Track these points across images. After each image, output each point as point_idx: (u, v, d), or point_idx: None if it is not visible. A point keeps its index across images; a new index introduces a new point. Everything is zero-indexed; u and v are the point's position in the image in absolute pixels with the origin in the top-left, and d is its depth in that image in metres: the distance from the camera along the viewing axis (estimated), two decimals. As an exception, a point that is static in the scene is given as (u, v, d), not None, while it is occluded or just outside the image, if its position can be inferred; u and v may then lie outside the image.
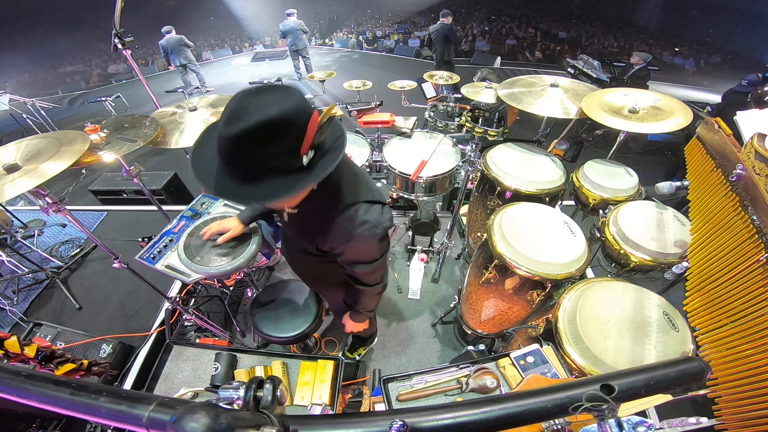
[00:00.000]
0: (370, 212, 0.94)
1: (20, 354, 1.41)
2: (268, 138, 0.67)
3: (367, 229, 0.93)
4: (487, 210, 2.13)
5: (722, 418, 1.01)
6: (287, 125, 0.68)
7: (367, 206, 0.95)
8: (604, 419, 0.45)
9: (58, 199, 1.42)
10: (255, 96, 0.69)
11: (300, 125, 0.69)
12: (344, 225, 0.93)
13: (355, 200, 0.94)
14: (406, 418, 0.45)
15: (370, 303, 1.33)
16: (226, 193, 0.75)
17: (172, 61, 7.04)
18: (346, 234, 0.94)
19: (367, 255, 1.04)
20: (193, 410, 0.37)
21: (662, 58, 12.20)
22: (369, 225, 0.93)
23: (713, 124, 1.37)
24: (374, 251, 1.03)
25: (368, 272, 1.11)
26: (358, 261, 1.06)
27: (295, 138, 0.69)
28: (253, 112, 0.66)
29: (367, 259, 1.05)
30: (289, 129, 0.68)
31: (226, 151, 0.70)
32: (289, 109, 0.68)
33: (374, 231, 0.95)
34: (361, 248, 1.00)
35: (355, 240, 0.95)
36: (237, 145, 0.67)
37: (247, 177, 0.72)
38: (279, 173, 0.72)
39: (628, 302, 1.37)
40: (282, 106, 0.67)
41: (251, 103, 0.68)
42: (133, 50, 1.82)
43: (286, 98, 0.69)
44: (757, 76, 3.72)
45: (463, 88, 2.31)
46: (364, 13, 17.49)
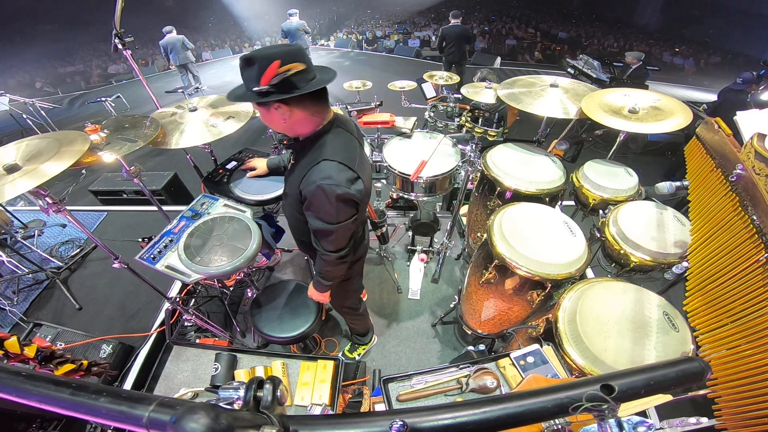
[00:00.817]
0: (339, 173, 1.07)
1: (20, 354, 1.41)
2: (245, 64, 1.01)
3: (327, 184, 1.05)
4: (487, 210, 2.13)
5: (722, 418, 1.01)
6: (252, 61, 0.99)
7: (340, 167, 1.08)
8: (605, 419, 0.45)
9: (58, 200, 1.42)
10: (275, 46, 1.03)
11: (262, 64, 0.97)
12: (314, 173, 1.07)
13: (332, 158, 1.08)
14: (406, 418, 0.45)
15: (327, 271, 1.35)
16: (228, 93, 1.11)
17: (172, 61, 7.05)
18: (312, 182, 1.07)
19: (323, 210, 1.12)
20: (193, 410, 0.37)
21: (662, 58, 12.19)
22: (331, 181, 1.05)
23: (713, 124, 1.37)
24: (330, 209, 1.10)
25: (324, 232, 1.18)
26: (316, 214, 1.14)
27: (256, 71, 0.98)
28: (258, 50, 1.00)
29: (323, 216, 1.13)
30: (253, 63, 0.99)
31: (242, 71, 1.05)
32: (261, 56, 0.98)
33: (332, 187, 1.05)
34: (318, 200, 1.09)
35: (315, 189, 1.07)
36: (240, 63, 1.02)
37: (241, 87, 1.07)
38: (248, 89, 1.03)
39: (628, 302, 1.37)
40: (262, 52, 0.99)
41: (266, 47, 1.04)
42: (133, 50, 1.82)
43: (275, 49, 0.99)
44: (751, 74, 3.73)
45: (463, 89, 2.31)
46: (364, 14, 17.49)
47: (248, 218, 1.66)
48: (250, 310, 1.72)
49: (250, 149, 2.23)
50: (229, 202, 1.80)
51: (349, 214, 1.16)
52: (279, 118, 1.09)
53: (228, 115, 1.92)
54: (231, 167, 2.05)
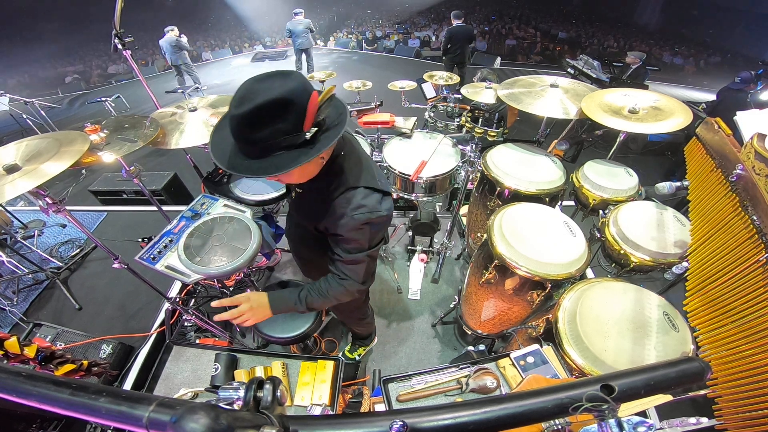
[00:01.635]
0: (369, 198, 0.97)
1: (20, 354, 1.41)
2: (272, 116, 0.75)
3: (362, 213, 0.95)
4: (487, 210, 2.13)
5: (722, 418, 1.01)
6: (289, 104, 0.75)
7: (367, 192, 0.98)
8: (605, 419, 0.45)
9: (58, 200, 1.42)
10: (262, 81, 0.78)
11: (301, 104, 0.76)
12: (341, 205, 0.97)
13: (356, 184, 0.97)
14: (406, 418, 0.45)
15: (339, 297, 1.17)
16: (239, 169, 0.82)
17: (168, 61, 7.08)
18: (341, 214, 0.97)
19: (356, 240, 1.03)
20: (193, 410, 0.37)
21: (662, 58, 12.19)
22: (365, 209, 0.96)
23: (713, 124, 1.37)
24: (364, 239, 1.03)
25: (354, 261, 1.07)
26: (347, 244, 1.04)
27: (296, 115, 0.77)
28: (259, 94, 0.75)
29: (356, 246, 1.04)
30: (290, 108, 0.76)
31: (236, 129, 0.79)
32: (290, 90, 0.75)
33: (369, 217, 0.96)
34: (353, 232, 1.00)
35: (348, 221, 0.97)
36: (245, 123, 0.76)
37: (257, 153, 0.81)
38: (285, 148, 0.80)
39: (628, 302, 1.37)
40: (284, 88, 0.75)
41: (259, 87, 0.76)
42: (133, 50, 1.82)
43: (288, 81, 0.77)
44: (750, 74, 3.73)
45: (463, 89, 2.31)
46: (364, 14, 17.49)
47: (248, 218, 1.66)
48: (250, 310, 1.72)
49: None
50: (229, 202, 1.80)
51: (380, 237, 1.09)
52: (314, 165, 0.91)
53: (228, 115, 1.92)
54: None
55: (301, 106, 0.77)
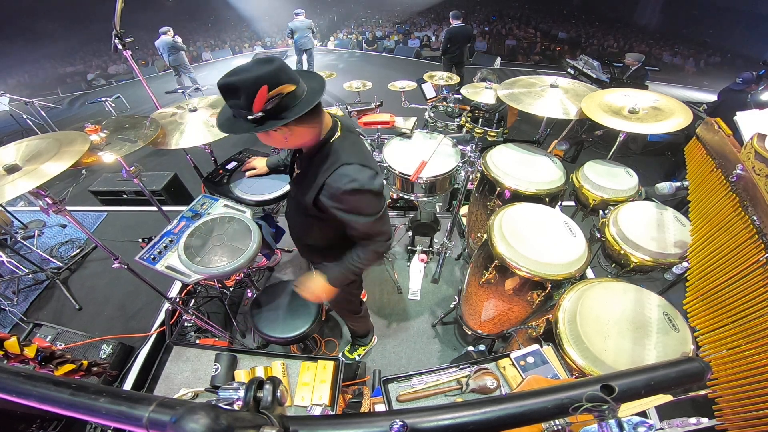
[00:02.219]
0: (361, 173, 1.08)
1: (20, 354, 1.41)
2: (230, 93, 0.94)
3: (355, 184, 1.06)
4: (487, 210, 2.13)
5: (723, 419, 1.01)
6: (238, 89, 0.91)
7: (357, 167, 1.08)
8: (605, 420, 0.45)
9: (58, 200, 1.42)
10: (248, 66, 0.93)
11: (248, 92, 0.91)
12: (335, 180, 1.07)
13: (350, 161, 1.08)
14: (406, 418, 0.45)
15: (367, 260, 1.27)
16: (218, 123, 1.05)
17: (165, 62, 7.09)
18: (337, 187, 1.07)
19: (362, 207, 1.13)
20: (193, 411, 0.37)
21: (662, 58, 12.20)
22: (357, 183, 1.06)
23: (713, 124, 1.37)
24: (368, 205, 1.13)
25: (369, 224, 1.17)
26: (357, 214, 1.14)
27: (246, 99, 0.92)
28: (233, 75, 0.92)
29: (366, 211, 1.14)
30: (240, 92, 0.92)
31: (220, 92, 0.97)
32: (243, 80, 0.90)
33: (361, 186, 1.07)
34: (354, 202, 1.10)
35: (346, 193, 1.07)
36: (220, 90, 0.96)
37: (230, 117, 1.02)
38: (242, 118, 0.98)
39: (628, 302, 1.37)
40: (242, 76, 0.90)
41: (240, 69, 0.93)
42: (133, 51, 1.82)
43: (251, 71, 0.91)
44: (751, 74, 3.72)
45: (463, 89, 2.31)
46: (364, 14, 17.50)
47: (248, 218, 1.66)
48: (250, 311, 1.72)
49: (250, 149, 2.23)
50: (229, 202, 1.80)
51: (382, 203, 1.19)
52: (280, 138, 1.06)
53: (228, 115, 1.92)
54: (231, 167, 2.05)
55: (249, 93, 0.91)
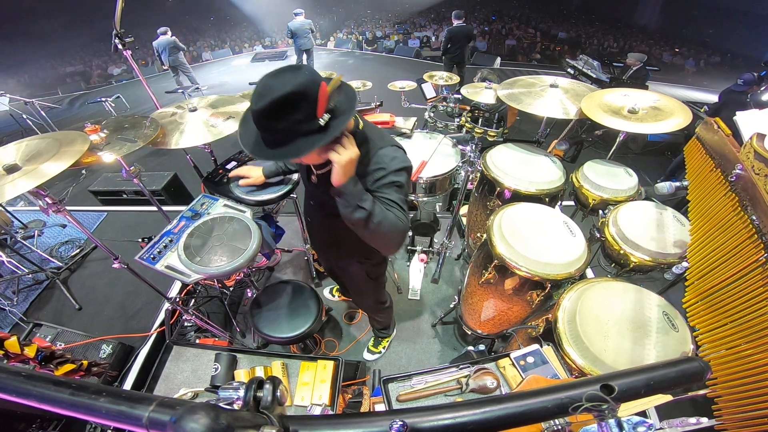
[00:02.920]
0: (398, 151, 1.12)
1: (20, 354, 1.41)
2: (287, 108, 0.84)
3: (398, 162, 1.08)
4: (486, 210, 2.13)
5: (722, 418, 1.01)
6: (301, 97, 0.84)
7: (393, 148, 1.12)
8: (604, 419, 0.45)
9: (58, 200, 1.42)
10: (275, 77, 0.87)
11: (312, 95, 0.85)
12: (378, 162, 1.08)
13: (383, 144, 1.10)
14: (406, 418, 0.45)
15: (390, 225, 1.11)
16: (263, 156, 0.95)
17: (164, 62, 7.07)
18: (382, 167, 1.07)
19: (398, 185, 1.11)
20: (193, 410, 0.37)
21: (662, 59, 12.20)
22: (398, 160, 1.09)
23: (712, 124, 1.37)
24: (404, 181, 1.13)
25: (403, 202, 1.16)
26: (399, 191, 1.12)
27: (309, 106, 0.85)
28: (274, 89, 0.83)
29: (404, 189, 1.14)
30: (303, 99, 0.84)
31: (259, 122, 0.89)
32: (301, 83, 0.83)
33: (404, 164, 1.10)
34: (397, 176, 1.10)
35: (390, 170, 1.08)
36: (264, 116, 0.86)
37: (278, 141, 0.91)
38: (302, 134, 0.89)
39: (628, 302, 1.37)
40: (295, 81, 0.83)
41: (273, 82, 0.85)
42: (133, 51, 1.82)
43: (298, 75, 0.85)
44: (752, 75, 3.71)
45: (463, 89, 2.31)
46: (364, 14, 17.49)
47: (248, 218, 1.66)
48: (250, 310, 1.72)
49: None
50: (229, 202, 1.80)
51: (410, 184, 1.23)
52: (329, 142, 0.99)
53: (228, 115, 1.92)
54: (231, 167, 2.05)
55: (312, 97, 0.85)
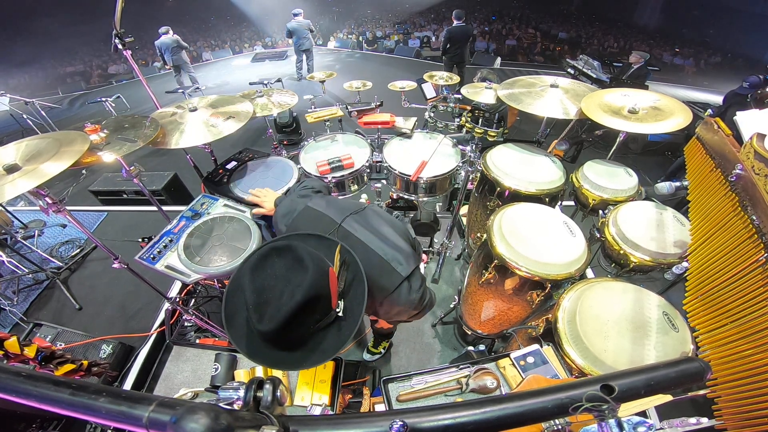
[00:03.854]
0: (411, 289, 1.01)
1: (20, 354, 1.41)
2: (302, 317, 0.71)
3: (413, 300, 1.02)
4: (486, 210, 2.13)
5: (722, 418, 1.01)
6: (315, 300, 0.71)
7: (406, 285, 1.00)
8: (605, 419, 0.45)
9: (58, 200, 1.42)
10: (265, 269, 0.72)
11: (324, 293, 0.72)
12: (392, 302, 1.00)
13: (392, 287, 0.98)
14: (406, 418, 0.45)
15: None
16: (285, 365, 0.82)
17: (167, 61, 7.07)
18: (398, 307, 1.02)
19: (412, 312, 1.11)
20: (193, 410, 0.37)
21: (662, 59, 12.20)
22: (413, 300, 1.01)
23: (712, 124, 1.37)
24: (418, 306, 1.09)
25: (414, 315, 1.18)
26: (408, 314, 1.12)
27: (324, 304, 0.74)
28: (277, 296, 0.69)
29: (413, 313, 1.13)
30: (317, 302, 0.71)
31: (268, 340, 0.74)
32: (310, 284, 0.70)
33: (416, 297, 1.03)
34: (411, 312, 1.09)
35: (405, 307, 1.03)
36: (277, 334, 0.70)
37: (293, 346, 0.77)
38: (319, 331, 0.78)
39: (628, 302, 1.37)
40: (302, 283, 0.70)
41: (267, 282, 0.71)
42: (133, 50, 1.82)
43: (299, 268, 0.71)
44: (758, 78, 3.70)
45: (463, 89, 2.31)
46: (364, 14, 17.49)
47: (248, 218, 1.66)
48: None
49: (250, 149, 2.23)
50: (229, 202, 1.80)
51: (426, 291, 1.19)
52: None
53: (228, 115, 1.92)
54: (231, 167, 2.05)
55: (326, 294, 0.73)
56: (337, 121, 2.40)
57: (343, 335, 0.78)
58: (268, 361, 0.80)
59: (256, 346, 0.78)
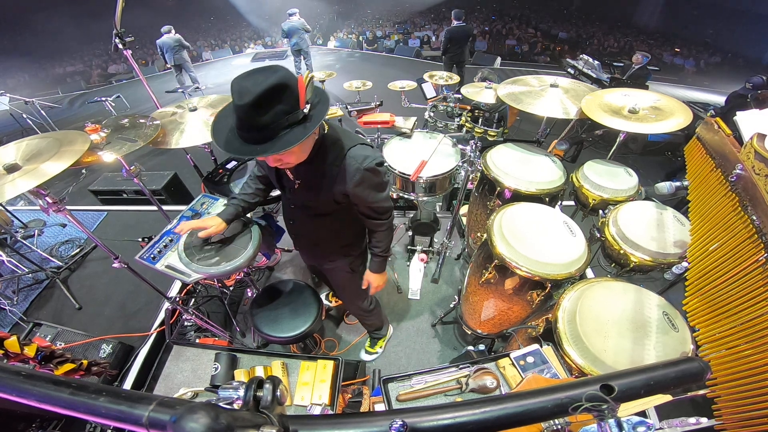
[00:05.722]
0: (366, 149, 1.16)
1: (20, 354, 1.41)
2: (273, 100, 0.86)
3: (370, 161, 1.13)
4: (486, 210, 2.13)
5: (722, 419, 1.01)
6: (284, 87, 0.87)
7: (362, 146, 1.17)
8: (604, 419, 0.45)
9: (58, 199, 1.42)
10: (249, 77, 0.89)
11: (293, 85, 0.89)
12: (350, 164, 1.12)
13: (351, 144, 1.15)
14: (405, 418, 0.45)
15: (386, 240, 1.42)
16: (249, 153, 0.94)
17: (167, 61, 7.06)
18: (355, 170, 1.12)
19: (377, 183, 1.20)
20: (193, 410, 0.37)
21: (662, 59, 12.20)
22: (370, 158, 1.14)
23: (713, 124, 1.37)
24: (381, 178, 1.21)
25: (381, 201, 1.26)
26: (374, 192, 1.22)
27: (292, 96, 0.89)
28: (255, 86, 0.85)
29: (378, 188, 1.22)
30: (286, 90, 0.87)
31: (243, 117, 0.89)
32: (281, 77, 0.87)
33: (375, 161, 1.15)
34: (371, 179, 1.17)
35: (364, 172, 1.13)
36: (251, 110, 0.86)
37: (265, 137, 0.91)
38: (287, 127, 0.91)
39: (628, 302, 1.37)
40: (274, 76, 0.87)
41: (250, 81, 0.87)
42: (133, 50, 1.82)
43: (274, 72, 0.89)
44: (761, 79, 3.69)
45: (464, 89, 2.31)
46: (364, 14, 17.48)
47: (248, 218, 1.66)
48: (250, 310, 1.72)
49: None
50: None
51: (384, 171, 1.25)
52: (313, 139, 1.07)
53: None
54: (231, 167, 2.05)
55: (294, 87, 0.88)
56: (336, 120, 2.40)
57: (307, 129, 0.92)
58: (240, 150, 0.94)
59: (232, 140, 0.94)
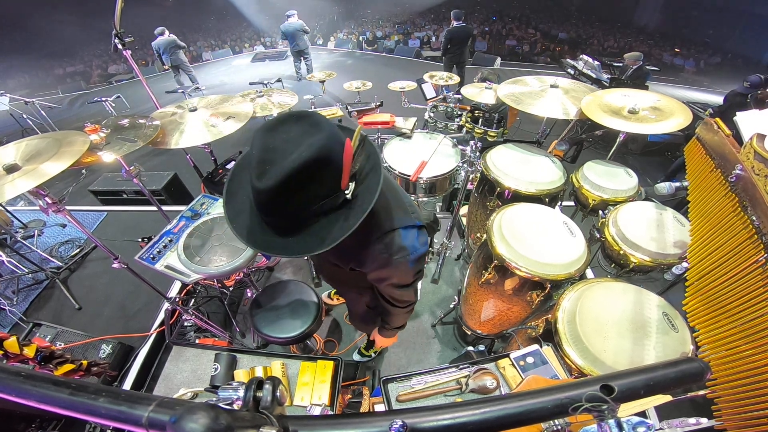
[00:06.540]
0: (407, 238, 0.90)
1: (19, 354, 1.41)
2: (306, 182, 0.62)
3: (403, 257, 0.90)
4: (486, 211, 2.13)
5: (722, 419, 1.01)
6: (324, 163, 0.62)
7: (404, 232, 0.90)
8: (604, 420, 0.45)
9: (58, 200, 1.42)
10: (278, 132, 0.63)
11: (336, 159, 0.63)
12: (380, 252, 0.89)
13: (392, 227, 0.88)
14: (405, 418, 0.45)
15: (399, 321, 1.33)
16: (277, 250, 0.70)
17: (164, 62, 7.06)
18: (383, 261, 0.91)
19: (400, 279, 1.02)
20: (193, 410, 0.37)
21: (662, 59, 12.20)
22: (405, 252, 0.90)
23: (712, 124, 1.37)
24: (409, 276, 1.01)
25: (400, 294, 1.10)
26: (392, 284, 1.04)
27: (333, 174, 0.64)
28: (284, 155, 0.60)
29: (401, 283, 1.03)
30: (326, 167, 0.62)
31: (264, 204, 0.65)
32: (323, 145, 0.62)
33: (410, 257, 0.92)
34: (396, 273, 0.98)
35: (391, 266, 0.92)
36: (276, 195, 0.62)
37: (291, 226, 0.68)
38: (322, 214, 0.68)
39: (628, 303, 1.37)
40: (313, 142, 0.61)
41: (277, 143, 0.62)
42: (133, 50, 1.82)
43: (314, 131, 0.62)
44: (759, 78, 3.69)
45: (463, 89, 2.31)
46: (364, 14, 17.49)
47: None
48: (249, 310, 1.72)
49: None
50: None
51: (422, 269, 1.06)
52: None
53: (228, 115, 1.92)
54: (231, 167, 2.05)
55: (338, 161, 0.62)
56: (336, 121, 2.40)
57: (349, 224, 0.66)
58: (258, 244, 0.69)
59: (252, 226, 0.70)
